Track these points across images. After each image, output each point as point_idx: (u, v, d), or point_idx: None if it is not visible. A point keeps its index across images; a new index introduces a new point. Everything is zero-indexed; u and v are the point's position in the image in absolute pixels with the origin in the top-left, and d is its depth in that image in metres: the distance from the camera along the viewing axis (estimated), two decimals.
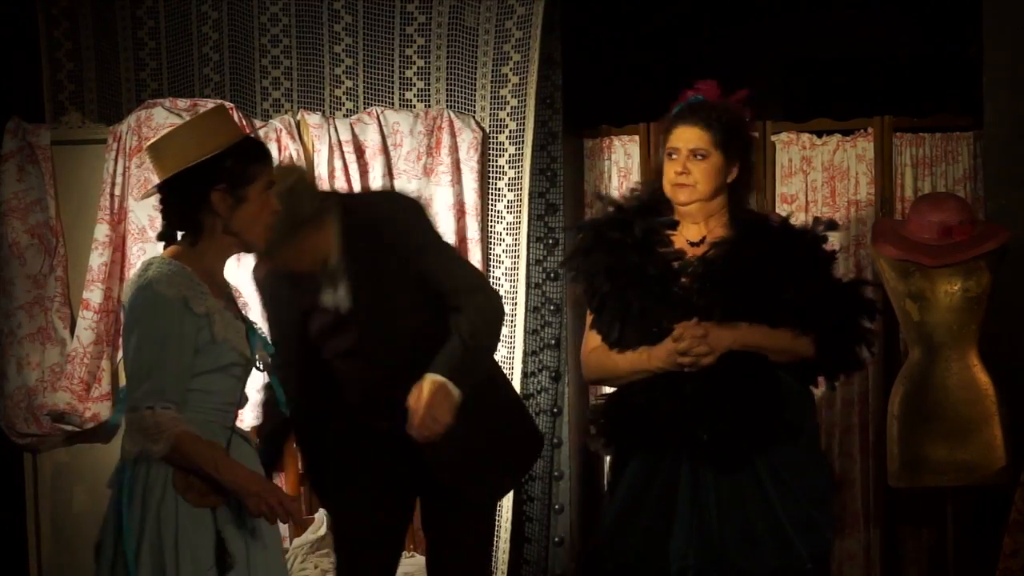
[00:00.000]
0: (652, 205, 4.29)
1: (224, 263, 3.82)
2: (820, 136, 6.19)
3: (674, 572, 4.13)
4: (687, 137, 4.24)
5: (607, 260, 4.21)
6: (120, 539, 3.64)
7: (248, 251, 3.88)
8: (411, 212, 4.23)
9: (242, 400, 3.83)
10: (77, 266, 5.76)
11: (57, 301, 5.75)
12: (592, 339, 4.29)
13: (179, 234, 3.75)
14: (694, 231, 4.25)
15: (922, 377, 5.52)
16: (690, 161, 4.22)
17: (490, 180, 5.87)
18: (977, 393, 5.47)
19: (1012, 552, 5.04)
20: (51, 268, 5.78)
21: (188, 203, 3.71)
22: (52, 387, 5.69)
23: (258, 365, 3.83)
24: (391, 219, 4.20)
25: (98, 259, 5.65)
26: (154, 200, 3.77)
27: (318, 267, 4.15)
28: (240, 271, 4.58)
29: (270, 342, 3.92)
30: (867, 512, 6.10)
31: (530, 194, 5.84)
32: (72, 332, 5.71)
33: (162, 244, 3.77)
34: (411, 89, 5.93)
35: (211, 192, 3.68)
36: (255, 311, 4.37)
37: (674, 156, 4.24)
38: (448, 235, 5.74)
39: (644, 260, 4.18)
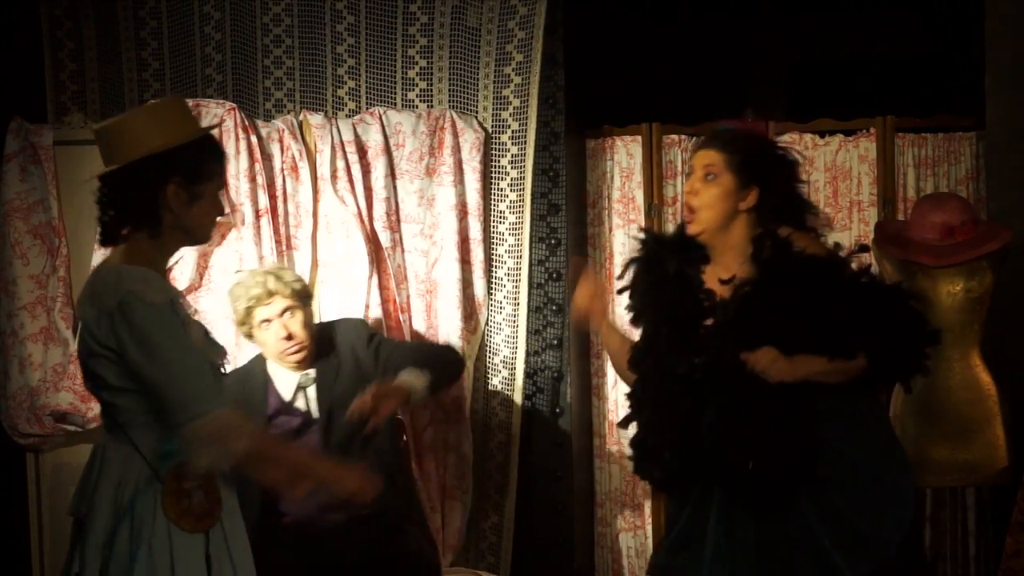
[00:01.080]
0: (687, 239, 4.27)
1: (169, 260, 3.78)
2: (822, 136, 6.19)
3: None
4: (702, 157, 4.24)
5: (645, 299, 4.26)
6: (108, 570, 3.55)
7: (193, 244, 3.84)
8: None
9: None
10: (80, 266, 5.75)
11: (60, 301, 5.75)
12: None
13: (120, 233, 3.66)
14: (723, 268, 4.21)
15: (924, 377, 5.52)
16: (701, 182, 4.20)
17: (492, 180, 5.87)
18: (979, 393, 5.47)
19: (1014, 552, 5.04)
20: (53, 268, 5.78)
21: (143, 195, 3.60)
22: (55, 387, 5.68)
23: (222, 367, 3.75)
24: None
25: (100, 259, 5.65)
26: None
27: None
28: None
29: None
30: None
31: (532, 194, 5.84)
32: (75, 332, 5.69)
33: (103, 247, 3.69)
34: (413, 89, 5.93)
35: (167, 185, 3.60)
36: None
37: (690, 176, 4.26)
38: (450, 235, 5.75)
39: (676, 300, 4.19)
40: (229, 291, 5.27)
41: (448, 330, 5.77)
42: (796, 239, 4.17)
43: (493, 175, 5.87)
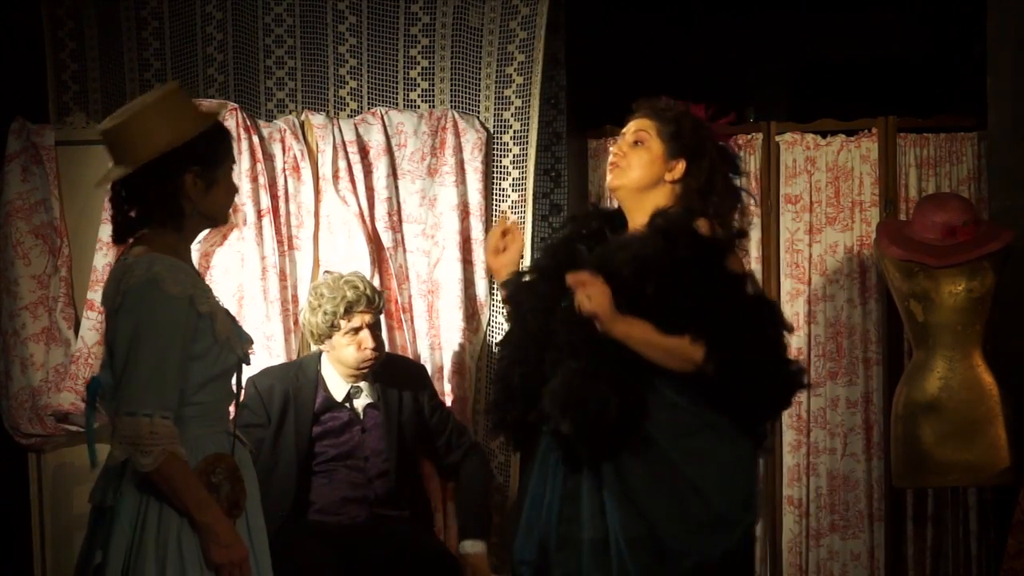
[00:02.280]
0: (616, 210, 4.25)
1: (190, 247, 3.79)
2: (824, 136, 6.19)
3: (515, 565, 4.08)
4: (634, 124, 4.18)
5: (550, 249, 4.26)
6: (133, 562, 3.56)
7: (214, 227, 3.87)
8: None
9: (231, 400, 3.79)
10: (81, 266, 5.76)
11: (61, 301, 5.75)
12: None
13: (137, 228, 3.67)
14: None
15: (926, 378, 5.52)
16: (629, 146, 4.13)
17: (494, 180, 5.87)
18: (981, 393, 5.47)
19: (1016, 552, 5.04)
20: (55, 268, 5.78)
21: (163, 189, 3.62)
22: (56, 387, 5.68)
23: (248, 358, 3.77)
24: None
25: (102, 260, 5.65)
26: None
27: None
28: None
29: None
30: (871, 512, 6.10)
31: (534, 194, 5.84)
32: (76, 332, 5.71)
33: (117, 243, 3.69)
34: (415, 89, 5.93)
35: (184, 177, 3.62)
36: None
37: (619, 141, 4.19)
38: (452, 235, 5.75)
39: (571, 252, 4.13)
40: (314, 290, 5.30)
41: (450, 330, 5.77)
42: (702, 224, 4.02)
43: (495, 175, 5.88)
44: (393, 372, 5.35)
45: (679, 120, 4.13)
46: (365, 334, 5.21)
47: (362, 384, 5.30)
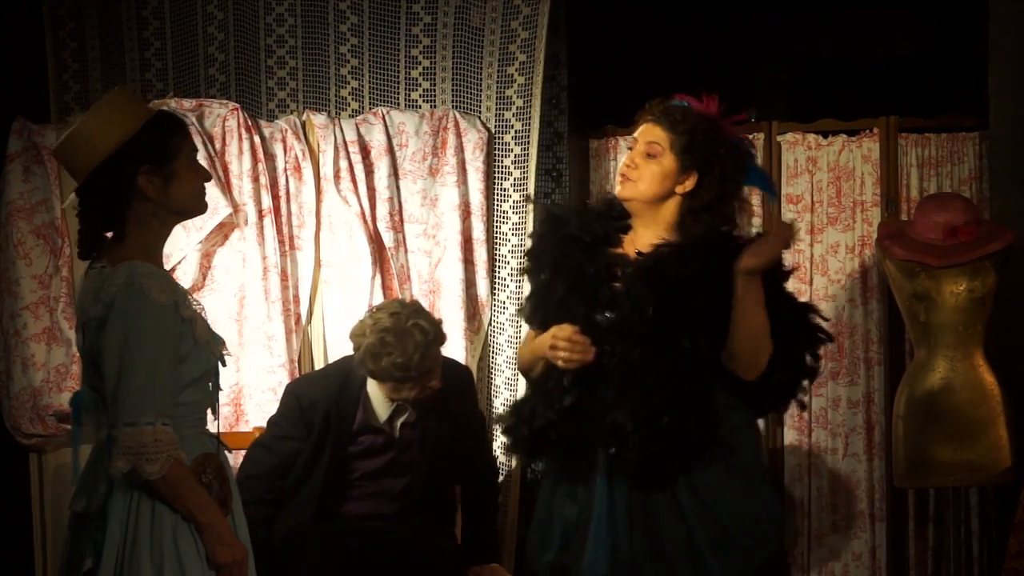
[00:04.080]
0: (615, 209, 4.17)
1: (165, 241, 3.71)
2: (826, 136, 6.19)
3: None
4: (646, 133, 4.11)
5: (555, 254, 4.09)
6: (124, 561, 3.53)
7: (189, 218, 3.79)
8: None
9: (213, 404, 3.73)
10: (82, 267, 5.71)
11: (62, 301, 5.75)
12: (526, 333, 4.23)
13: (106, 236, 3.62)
14: (644, 241, 4.08)
15: (927, 378, 5.52)
16: (642, 157, 4.07)
17: (495, 180, 5.87)
18: (982, 394, 5.47)
19: (1018, 552, 5.04)
20: (56, 268, 5.78)
21: (118, 194, 3.55)
22: (57, 387, 5.68)
23: (224, 360, 3.72)
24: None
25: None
26: None
27: None
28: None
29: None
30: (873, 513, 6.11)
31: (536, 195, 5.84)
32: (78, 332, 5.71)
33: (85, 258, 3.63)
34: (417, 89, 5.93)
35: (136, 177, 3.54)
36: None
37: (630, 149, 4.13)
38: (453, 235, 5.75)
39: (587, 259, 4.05)
40: (367, 327, 5.02)
41: (451, 330, 5.76)
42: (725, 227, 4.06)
43: (496, 175, 5.87)
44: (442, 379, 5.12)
45: (692, 132, 4.07)
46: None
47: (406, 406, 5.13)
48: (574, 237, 4.10)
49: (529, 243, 4.26)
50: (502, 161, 5.87)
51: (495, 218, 5.86)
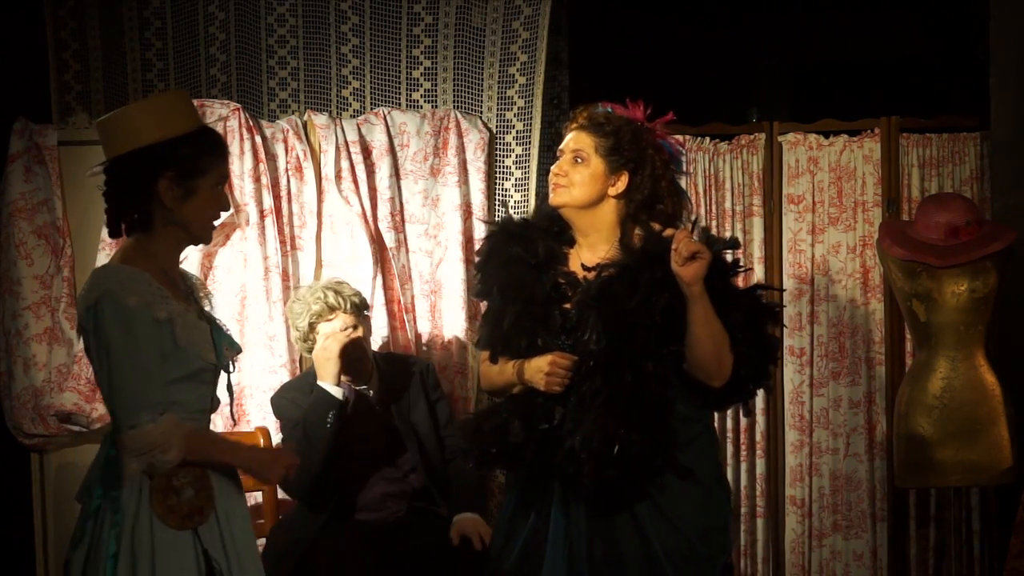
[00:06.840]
0: (556, 224, 4.16)
1: (177, 258, 3.71)
2: (827, 137, 6.20)
3: None
4: (573, 141, 4.13)
5: (501, 275, 4.10)
6: (91, 560, 3.56)
7: (194, 244, 3.78)
8: None
9: (214, 404, 3.74)
10: (84, 267, 5.75)
11: (64, 302, 5.75)
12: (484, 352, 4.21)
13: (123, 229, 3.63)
14: (589, 253, 4.09)
15: (929, 378, 5.52)
16: (570, 164, 4.09)
17: (497, 181, 5.88)
18: (984, 393, 5.47)
19: (1019, 552, 5.04)
20: (58, 268, 5.78)
21: (133, 189, 3.56)
22: (59, 387, 5.68)
23: (227, 367, 3.73)
24: None
25: (105, 259, 5.64)
26: None
27: None
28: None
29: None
30: (874, 513, 6.11)
31: (537, 195, 5.84)
32: (78, 333, 5.71)
33: (110, 239, 3.71)
34: (418, 90, 5.93)
35: (158, 180, 3.55)
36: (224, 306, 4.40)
37: (559, 157, 4.15)
38: (455, 235, 5.75)
39: (535, 280, 4.06)
40: (288, 308, 5.37)
41: (452, 330, 5.77)
42: (667, 231, 4.04)
43: (497, 175, 5.88)
44: (399, 371, 5.31)
45: (618, 133, 4.09)
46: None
47: (364, 387, 5.25)
48: (519, 258, 4.10)
49: (476, 259, 4.24)
50: (503, 161, 5.87)
51: (496, 218, 5.86)
